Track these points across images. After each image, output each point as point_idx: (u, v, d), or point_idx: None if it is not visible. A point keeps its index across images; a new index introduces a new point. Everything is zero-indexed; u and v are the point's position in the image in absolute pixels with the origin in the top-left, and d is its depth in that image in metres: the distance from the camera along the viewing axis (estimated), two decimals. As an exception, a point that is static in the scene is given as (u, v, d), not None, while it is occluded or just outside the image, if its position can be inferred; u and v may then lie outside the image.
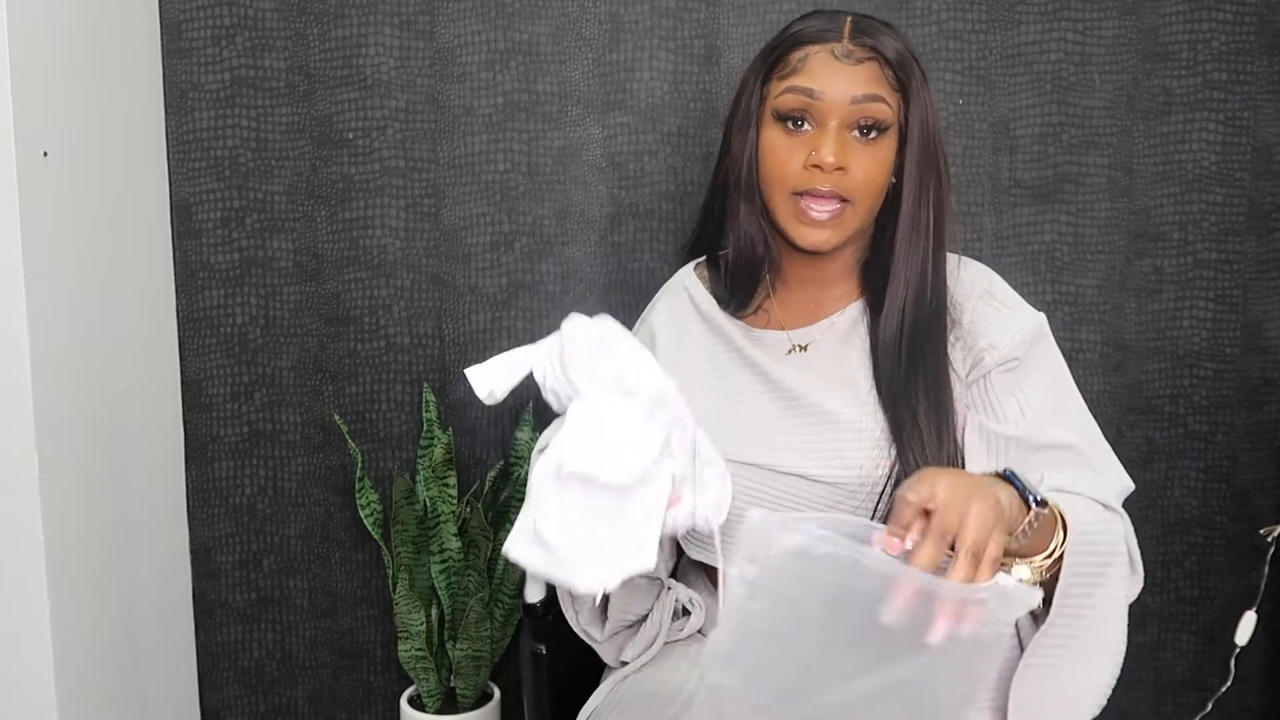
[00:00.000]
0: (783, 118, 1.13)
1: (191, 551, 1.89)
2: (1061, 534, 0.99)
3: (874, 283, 1.18)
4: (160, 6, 1.77)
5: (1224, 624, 1.80)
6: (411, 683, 1.88)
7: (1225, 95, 1.79)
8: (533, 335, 1.89)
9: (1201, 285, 1.83)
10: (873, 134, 1.12)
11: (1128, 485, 1.15)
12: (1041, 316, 1.17)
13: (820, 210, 1.12)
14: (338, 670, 1.93)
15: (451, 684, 1.82)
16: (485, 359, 0.97)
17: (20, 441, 1.39)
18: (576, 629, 1.23)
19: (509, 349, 1.33)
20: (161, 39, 1.78)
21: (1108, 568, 1.04)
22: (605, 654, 1.25)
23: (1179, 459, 1.85)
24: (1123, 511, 1.10)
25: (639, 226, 1.83)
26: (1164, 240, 1.82)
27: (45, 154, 1.42)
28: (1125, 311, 1.83)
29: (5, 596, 1.41)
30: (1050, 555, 0.98)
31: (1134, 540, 1.10)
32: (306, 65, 1.80)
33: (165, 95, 1.79)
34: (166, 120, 1.80)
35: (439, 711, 1.81)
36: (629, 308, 1.67)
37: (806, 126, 1.13)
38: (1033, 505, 0.95)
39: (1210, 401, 1.85)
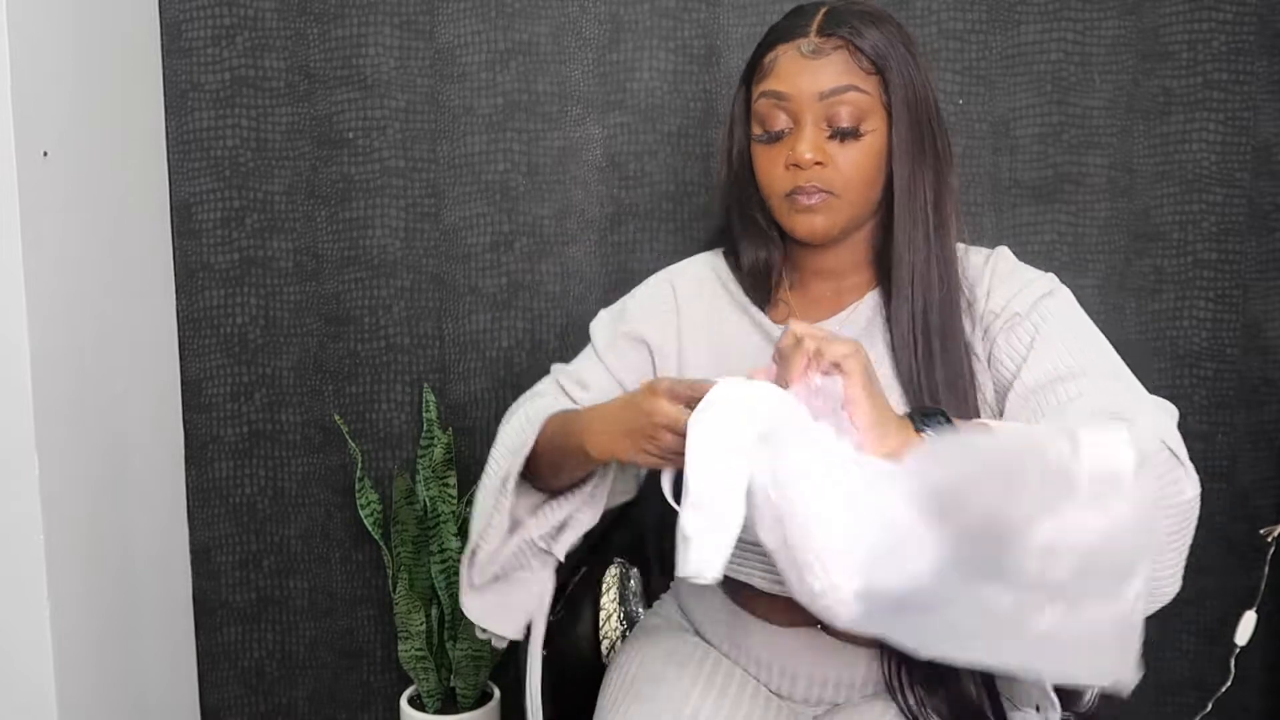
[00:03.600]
0: (761, 135, 1.15)
1: (191, 551, 1.89)
2: None
3: (887, 271, 1.17)
4: (160, 6, 1.77)
5: (1224, 624, 1.80)
6: (411, 683, 1.88)
7: (1225, 95, 1.79)
8: (532, 335, 1.89)
9: (1201, 285, 1.83)
10: (849, 137, 1.11)
11: (1160, 402, 1.08)
12: (1049, 277, 1.16)
13: (808, 198, 1.12)
14: (338, 670, 1.93)
15: (451, 684, 1.82)
16: (485, 359, 0.95)
17: (20, 441, 1.38)
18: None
19: (509, 349, 1.32)
20: (161, 39, 1.78)
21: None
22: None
23: (1179, 459, 1.85)
24: (1150, 419, 1.02)
25: (639, 226, 1.83)
26: (1164, 240, 1.82)
27: (45, 154, 1.42)
28: (1125, 311, 1.83)
29: (5, 596, 1.41)
30: None
31: (1170, 438, 1.02)
32: (306, 65, 1.80)
33: (165, 95, 1.79)
34: (166, 120, 1.80)
35: (439, 711, 1.81)
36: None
37: (785, 134, 1.13)
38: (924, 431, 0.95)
39: (1210, 401, 1.85)
